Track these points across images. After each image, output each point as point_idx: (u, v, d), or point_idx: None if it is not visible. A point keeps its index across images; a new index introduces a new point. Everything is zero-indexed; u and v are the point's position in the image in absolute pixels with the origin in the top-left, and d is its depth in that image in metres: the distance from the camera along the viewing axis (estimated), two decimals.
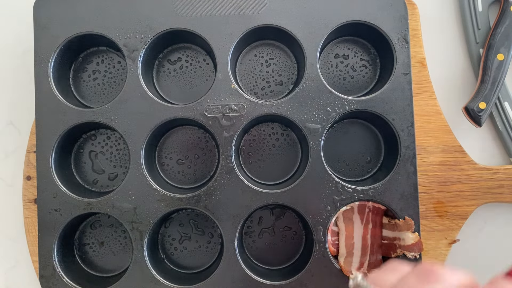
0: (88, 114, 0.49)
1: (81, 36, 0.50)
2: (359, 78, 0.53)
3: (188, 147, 0.52)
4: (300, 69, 0.52)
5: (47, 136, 0.48)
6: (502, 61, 0.51)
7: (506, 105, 0.53)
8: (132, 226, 0.48)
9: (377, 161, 0.52)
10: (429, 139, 0.51)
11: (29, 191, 0.51)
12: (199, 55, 0.53)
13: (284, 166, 0.52)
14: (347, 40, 0.53)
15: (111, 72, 0.53)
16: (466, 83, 0.55)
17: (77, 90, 0.53)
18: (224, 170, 0.48)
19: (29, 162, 0.52)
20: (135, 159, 0.48)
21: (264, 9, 0.49)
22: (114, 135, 0.52)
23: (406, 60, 0.49)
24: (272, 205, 0.49)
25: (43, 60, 0.49)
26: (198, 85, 0.52)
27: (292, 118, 0.48)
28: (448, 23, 0.56)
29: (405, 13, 0.49)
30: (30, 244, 0.51)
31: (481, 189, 0.51)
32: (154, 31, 0.49)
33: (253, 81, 0.52)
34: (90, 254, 0.52)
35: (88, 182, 0.52)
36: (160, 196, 0.48)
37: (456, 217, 0.51)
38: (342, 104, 0.49)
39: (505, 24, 0.51)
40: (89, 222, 0.52)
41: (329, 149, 0.51)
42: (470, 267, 0.53)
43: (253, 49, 0.53)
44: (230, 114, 0.49)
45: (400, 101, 0.49)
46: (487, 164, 0.53)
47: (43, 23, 0.49)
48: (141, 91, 0.49)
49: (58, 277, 0.48)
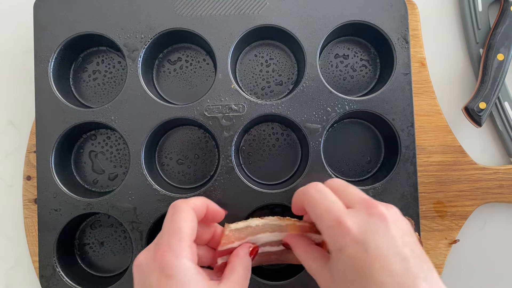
0: (88, 114, 0.49)
1: (81, 36, 0.50)
2: (359, 78, 0.53)
3: (188, 147, 0.52)
4: (300, 69, 0.52)
5: (47, 136, 0.49)
6: (502, 61, 0.51)
7: (506, 105, 0.53)
8: (132, 226, 0.48)
9: (377, 161, 0.52)
10: (429, 139, 0.51)
11: (29, 191, 0.51)
12: (199, 55, 0.53)
13: (284, 166, 0.52)
14: (347, 40, 0.53)
15: (111, 72, 0.53)
16: (466, 83, 0.55)
17: (77, 90, 0.53)
18: (224, 170, 0.48)
19: (29, 162, 0.52)
20: (135, 159, 0.48)
21: (264, 9, 0.49)
22: (114, 135, 0.53)
23: (406, 60, 0.49)
24: (272, 205, 0.49)
25: (43, 60, 0.49)
26: (198, 85, 0.53)
27: (292, 118, 0.48)
28: (448, 23, 0.56)
29: (405, 13, 0.49)
30: (30, 244, 0.51)
31: (481, 189, 0.51)
32: (154, 31, 0.49)
33: (253, 81, 0.52)
34: (90, 254, 0.52)
35: (88, 182, 0.52)
36: (160, 196, 0.48)
37: (456, 217, 0.51)
38: (342, 104, 0.49)
39: (505, 24, 0.51)
40: (89, 222, 0.52)
41: (329, 149, 0.51)
42: (470, 267, 0.53)
43: (253, 49, 0.53)
44: (230, 114, 0.49)
45: (400, 101, 0.49)
46: (487, 164, 0.53)
47: (43, 23, 0.49)
48: (141, 91, 0.49)
49: (58, 277, 0.48)
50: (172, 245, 0.35)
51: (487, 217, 0.54)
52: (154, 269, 0.34)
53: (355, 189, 0.38)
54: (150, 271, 0.35)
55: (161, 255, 0.34)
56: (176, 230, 0.36)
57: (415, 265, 0.32)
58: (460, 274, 0.53)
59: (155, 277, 0.34)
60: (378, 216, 0.35)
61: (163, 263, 0.34)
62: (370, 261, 0.33)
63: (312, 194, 0.38)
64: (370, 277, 0.33)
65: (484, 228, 0.54)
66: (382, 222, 0.34)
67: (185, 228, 0.36)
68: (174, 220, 0.36)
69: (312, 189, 0.39)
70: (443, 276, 0.51)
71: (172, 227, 0.36)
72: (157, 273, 0.34)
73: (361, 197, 0.37)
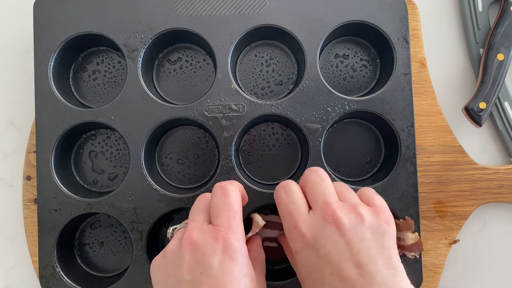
0: (88, 114, 0.49)
1: (81, 36, 0.50)
2: (359, 78, 0.53)
3: (188, 147, 0.52)
4: (300, 69, 0.52)
5: (47, 136, 0.49)
6: (502, 61, 0.51)
7: (506, 105, 0.53)
8: (132, 226, 0.48)
9: (377, 161, 0.52)
10: (429, 139, 0.51)
11: (29, 191, 0.51)
12: (199, 55, 0.53)
13: (284, 166, 0.52)
14: (347, 40, 0.53)
15: (111, 72, 0.53)
16: (466, 83, 0.55)
17: (77, 90, 0.53)
18: (224, 170, 0.48)
19: (29, 162, 0.52)
20: (135, 159, 0.48)
21: (264, 9, 0.49)
22: (114, 135, 0.53)
23: (406, 60, 0.49)
24: (272, 205, 0.49)
25: (43, 60, 0.49)
26: (198, 85, 0.52)
27: (292, 118, 0.48)
28: (448, 23, 0.56)
29: (405, 13, 0.49)
30: (30, 244, 0.51)
31: (481, 189, 0.51)
32: (154, 31, 0.49)
33: (253, 81, 0.52)
34: (90, 254, 0.52)
35: (88, 182, 0.52)
36: (160, 196, 0.48)
37: (456, 217, 0.51)
38: (342, 104, 0.49)
39: (505, 24, 0.51)
40: (89, 222, 0.52)
41: (329, 149, 0.51)
42: (470, 267, 0.53)
43: (253, 49, 0.53)
44: (230, 114, 0.49)
45: (400, 101, 0.49)
46: (487, 164, 0.53)
47: (43, 23, 0.49)
48: (141, 91, 0.49)
49: (58, 277, 0.48)
50: (233, 227, 0.35)
51: (487, 217, 0.54)
52: (216, 249, 0.34)
53: (325, 188, 0.38)
54: (212, 251, 0.34)
55: (223, 237, 0.34)
56: (233, 212, 0.36)
57: (372, 270, 0.33)
58: (460, 274, 0.53)
59: (218, 257, 0.33)
60: (332, 223, 0.35)
61: (227, 244, 0.34)
62: (321, 266, 0.34)
63: (280, 196, 0.39)
64: (322, 281, 0.34)
65: (484, 228, 0.54)
66: (336, 229, 0.35)
67: (240, 210, 0.37)
68: (230, 202, 0.36)
69: (282, 189, 0.39)
70: (443, 276, 0.51)
71: (230, 209, 0.36)
72: (220, 254, 0.34)
73: (324, 200, 0.37)
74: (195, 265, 0.34)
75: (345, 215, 0.35)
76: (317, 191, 0.38)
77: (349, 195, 0.38)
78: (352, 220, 0.35)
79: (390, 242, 0.35)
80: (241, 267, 0.34)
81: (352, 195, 0.39)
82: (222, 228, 0.35)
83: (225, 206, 0.36)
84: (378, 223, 0.36)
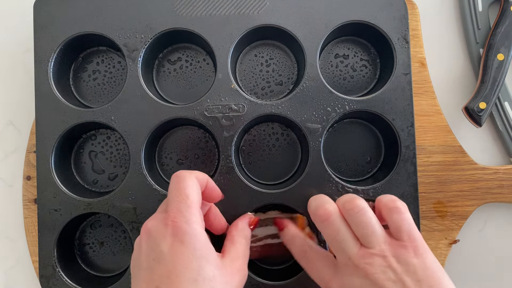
0: (88, 114, 0.49)
1: (81, 36, 0.50)
2: (359, 78, 0.53)
3: (188, 147, 0.52)
4: (300, 69, 0.52)
5: (47, 136, 0.49)
6: (502, 61, 0.51)
7: (506, 105, 0.53)
8: (132, 226, 0.48)
9: (377, 161, 0.52)
10: (429, 139, 0.51)
11: (29, 191, 0.51)
12: (199, 55, 0.53)
13: (284, 166, 0.52)
14: (347, 40, 0.53)
15: (111, 72, 0.53)
16: (466, 83, 0.55)
17: (77, 90, 0.53)
18: (224, 170, 0.48)
19: (29, 162, 0.52)
20: (135, 159, 0.48)
21: (264, 9, 0.49)
22: (114, 135, 0.53)
23: (406, 60, 0.49)
24: (272, 205, 0.49)
25: (43, 60, 0.49)
26: (198, 85, 0.52)
27: (292, 118, 0.48)
28: (448, 23, 0.56)
29: (405, 13, 0.49)
30: (30, 244, 0.51)
31: (481, 189, 0.51)
32: (154, 31, 0.49)
33: (253, 81, 0.52)
34: (90, 254, 0.52)
35: (88, 182, 0.52)
36: (160, 196, 0.48)
37: (456, 217, 0.51)
38: (342, 104, 0.49)
39: (505, 24, 0.51)
40: (89, 222, 0.52)
41: (329, 149, 0.51)
42: (470, 267, 0.53)
43: (253, 49, 0.53)
44: (230, 114, 0.49)
45: (400, 101, 0.49)
46: (487, 164, 0.53)
47: (43, 23, 0.49)
48: (141, 91, 0.49)
49: (58, 277, 0.48)
50: (182, 211, 0.35)
51: (487, 217, 0.54)
52: (166, 234, 0.34)
53: (374, 227, 0.38)
54: (162, 237, 0.34)
55: (172, 221, 0.34)
56: (184, 197, 0.36)
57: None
58: (460, 274, 0.53)
59: (167, 242, 0.34)
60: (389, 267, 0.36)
61: (175, 229, 0.34)
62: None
63: (335, 227, 0.38)
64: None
65: (484, 228, 0.54)
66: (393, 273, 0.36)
67: (192, 195, 0.36)
68: (180, 188, 0.36)
69: (334, 220, 0.39)
70: None
71: (180, 194, 0.36)
72: (170, 239, 0.34)
73: (384, 241, 0.37)
74: (149, 253, 0.35)
75: (382, 272, 0.36)
76: (370, 232, 0.38)
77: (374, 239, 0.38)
78: (390, 276, 0.36)
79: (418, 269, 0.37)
80: (192, 249, 0.34)
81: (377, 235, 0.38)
82: (171, 213, 0.35)
83: (176, 192, 0.36)
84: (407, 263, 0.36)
